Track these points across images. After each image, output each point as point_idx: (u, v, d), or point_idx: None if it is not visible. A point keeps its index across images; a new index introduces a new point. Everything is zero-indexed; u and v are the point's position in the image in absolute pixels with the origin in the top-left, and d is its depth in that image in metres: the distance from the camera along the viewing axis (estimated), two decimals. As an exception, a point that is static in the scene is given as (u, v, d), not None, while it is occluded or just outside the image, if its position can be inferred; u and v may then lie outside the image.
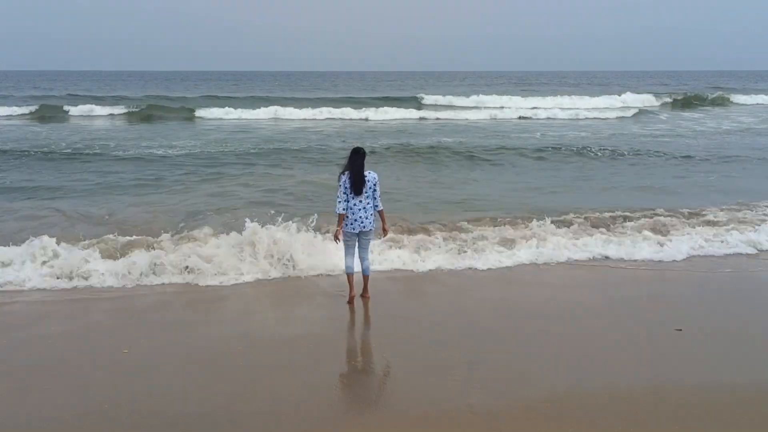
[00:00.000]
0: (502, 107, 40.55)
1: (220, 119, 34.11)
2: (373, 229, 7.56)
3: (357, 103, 41.61)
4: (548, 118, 35.45)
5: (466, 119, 34.69)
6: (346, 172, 7.34)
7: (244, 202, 12.85)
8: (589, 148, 20.90)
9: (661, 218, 11.40)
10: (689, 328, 6.79)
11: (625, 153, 20.34)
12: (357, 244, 7.58)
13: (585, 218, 11.34)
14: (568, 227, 10.75)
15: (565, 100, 43.70)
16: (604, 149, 20.88)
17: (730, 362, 6.01)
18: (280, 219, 9.43)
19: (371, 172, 7.46)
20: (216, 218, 11.19)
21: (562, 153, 20.26)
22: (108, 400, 5.23)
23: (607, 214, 11.61)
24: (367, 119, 34.51)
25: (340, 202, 7.37)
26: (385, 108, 37.15)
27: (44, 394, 5.35)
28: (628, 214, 11.71)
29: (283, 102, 39.43)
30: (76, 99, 42.70)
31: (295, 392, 5.33)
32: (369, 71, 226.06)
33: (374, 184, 7.42)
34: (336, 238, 7.48)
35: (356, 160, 7.31)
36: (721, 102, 46.97)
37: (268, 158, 19.16)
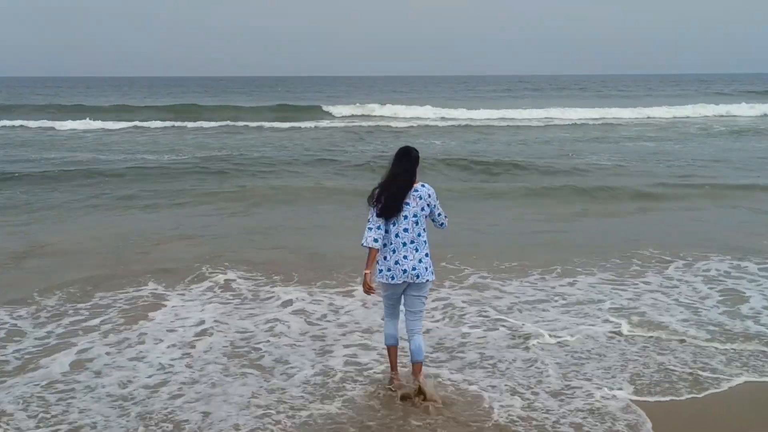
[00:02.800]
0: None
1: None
2: (429, 280, 4.80)
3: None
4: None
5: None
6: (382, 184, 4.74)
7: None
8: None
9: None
10: None
11: None
12: (403, 301, 4.89)
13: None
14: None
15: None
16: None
17: None
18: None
19: (425, 185, 4.81)
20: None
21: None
22: None
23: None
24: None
25: (370, 229, 4.69)
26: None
27: None
28: None
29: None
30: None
31: None
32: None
33: (428, 205, 4.75)
34: (367, 289, 4.71)
35: (399, 167, 4.71)
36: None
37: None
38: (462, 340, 5.96)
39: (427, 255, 4.74)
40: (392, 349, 5.01)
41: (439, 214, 4.88)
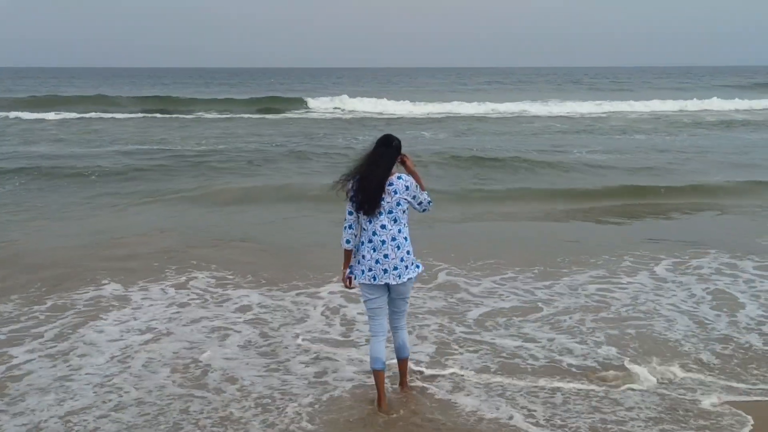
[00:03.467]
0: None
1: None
2: (412, 279, 4.38)
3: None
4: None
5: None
6: (356, 177, 4.28)
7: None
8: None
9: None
10: None
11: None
12: (387, 305, 4.47)
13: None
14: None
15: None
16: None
17: None
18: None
19: (401, 176, 4.35)
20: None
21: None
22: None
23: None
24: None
25: (344, 228, 4.36)
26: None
27: None
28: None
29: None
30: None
31: None
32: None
33: (404, 199, 4.30)
34: (346, 283, 4.45)
35: (376, 159, 4.27)
36: None
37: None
38: (439, 355, 5.35)
39: (409, 252, 4.34)
40: (380, 375, 4.42)
41: (420, 203, 4.41)
